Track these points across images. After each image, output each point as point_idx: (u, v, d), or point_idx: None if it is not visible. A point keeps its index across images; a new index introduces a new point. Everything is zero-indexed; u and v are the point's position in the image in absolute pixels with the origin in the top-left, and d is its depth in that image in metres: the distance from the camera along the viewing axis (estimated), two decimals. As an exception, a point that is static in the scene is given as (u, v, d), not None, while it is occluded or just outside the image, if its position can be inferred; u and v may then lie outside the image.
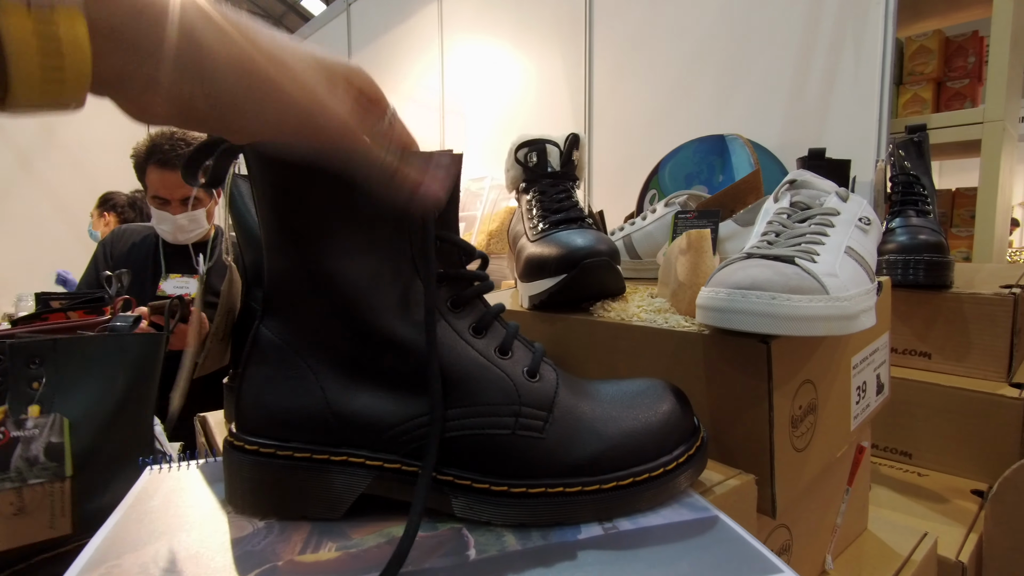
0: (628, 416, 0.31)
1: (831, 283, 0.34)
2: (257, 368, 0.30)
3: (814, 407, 0.42)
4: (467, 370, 0.30)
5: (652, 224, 0.67)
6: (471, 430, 0.29)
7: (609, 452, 0.30)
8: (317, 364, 0.30)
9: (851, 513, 0.53)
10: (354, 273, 0.29)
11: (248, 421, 0.30)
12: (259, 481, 0.30)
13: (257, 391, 0.30)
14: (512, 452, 0.29)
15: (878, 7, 1.25)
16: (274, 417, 0.30)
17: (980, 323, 0.71)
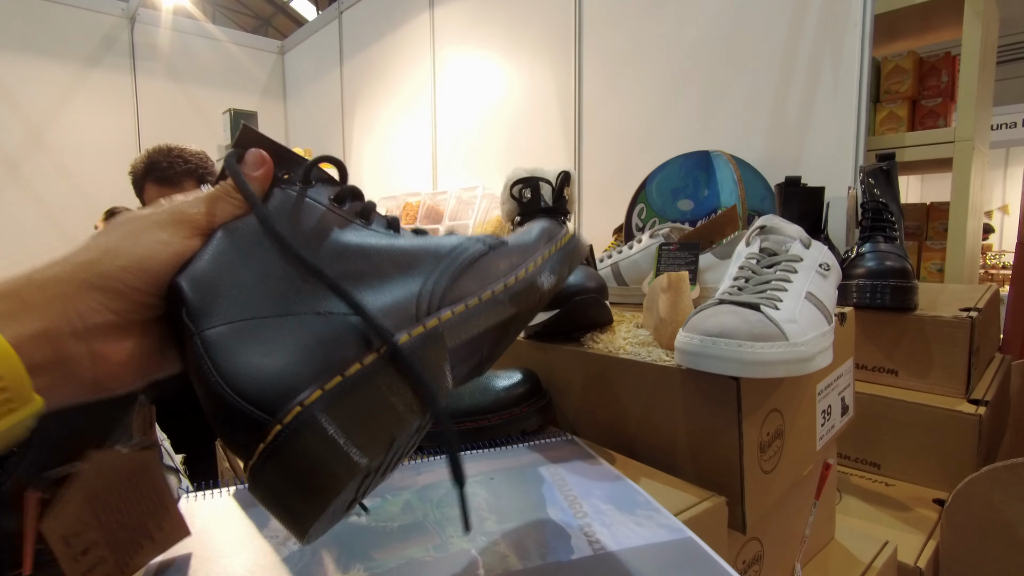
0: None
1: (791, 329, 0.39)
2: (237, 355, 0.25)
3: (781, 432, 0.47)
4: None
5: (638, 253, 0.72)
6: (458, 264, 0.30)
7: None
8: (293, 306, 0.27)
9: (818, 524, 0.58)
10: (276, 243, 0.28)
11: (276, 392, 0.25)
12: (344, 415, 0.25)
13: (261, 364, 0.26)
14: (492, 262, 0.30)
15: (855, 28, 1.30)
16: (302, 361, 0.25)
17: (941, 343, 0.76)
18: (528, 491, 0.41)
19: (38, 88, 2.74)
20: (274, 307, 0.26)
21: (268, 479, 0.22)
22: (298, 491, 0.22)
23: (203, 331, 0.24)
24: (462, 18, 2.22)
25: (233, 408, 0.23)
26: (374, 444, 0.23)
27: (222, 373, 0.23)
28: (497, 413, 0.50)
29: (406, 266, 0.28)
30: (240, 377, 0.23)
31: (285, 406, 0.22)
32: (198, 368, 0.24)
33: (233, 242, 0.27)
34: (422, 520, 0.37)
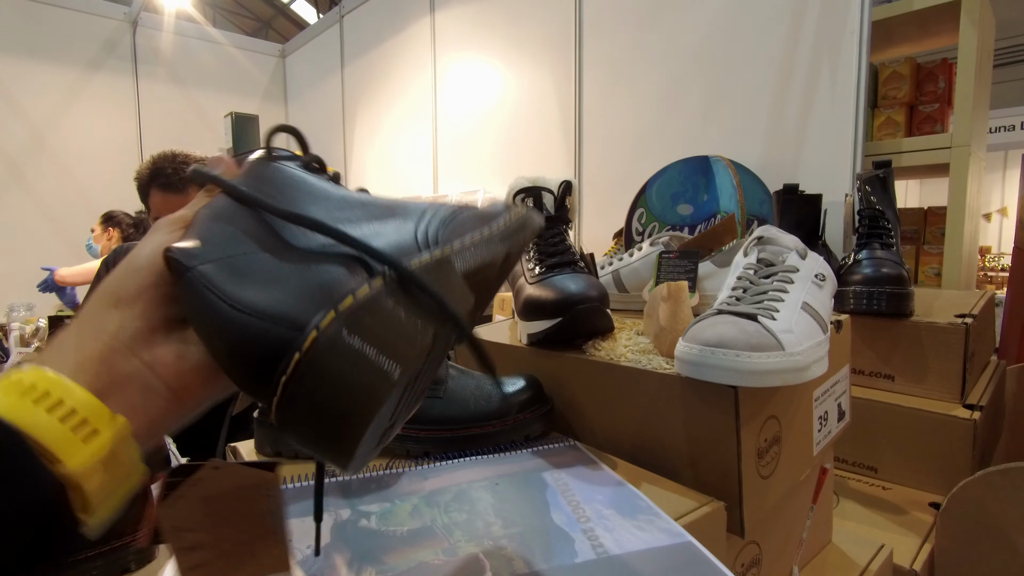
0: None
1: (786, 339, 0.40)
2: (241, 281, 0.24)
3: (778, 438, 0.48)
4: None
5: (638, 261, 0.73)
6: (446, 212, 0.30)
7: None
8: (292, 242, 0.27)
9: (816, 528, 0.59)
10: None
11: (308, 304, 0.23)
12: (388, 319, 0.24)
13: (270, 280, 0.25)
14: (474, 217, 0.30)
15: (852, 35, 1.32)
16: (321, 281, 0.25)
17: (937, 349, 0.78)
18: (532, 496, 0.42)
19: (40, 91, 2.76)
20: (266, 247, 0.25)
21: (299, 411, 0.21)
22: (334, 416, 0.21)
23: (199, 266, 0.23)
24: (463, 23, 2.23)
25: (250, 332, 0.21)
26: (404, 354, 0.22)
27: (232, 297, 0.22)
28: (501, 419, 0.51)
29: (392, 212, 0.28)
30: (252, 298, 0.22)
31: (301, 332, 0.21)
32: (202, 304, 0.23)
33: (213, 211, 0.27)
34: (430, 525, 0.38)
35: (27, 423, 0.19)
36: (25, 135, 2.77)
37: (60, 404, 0.20)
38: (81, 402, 0.21)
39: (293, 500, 0.42)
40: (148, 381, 0.23)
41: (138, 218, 2.23)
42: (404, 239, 0.26)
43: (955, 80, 1.32)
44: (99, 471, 0.20)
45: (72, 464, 0.19)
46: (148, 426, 0.23)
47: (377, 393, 0.21)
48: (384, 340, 0.21)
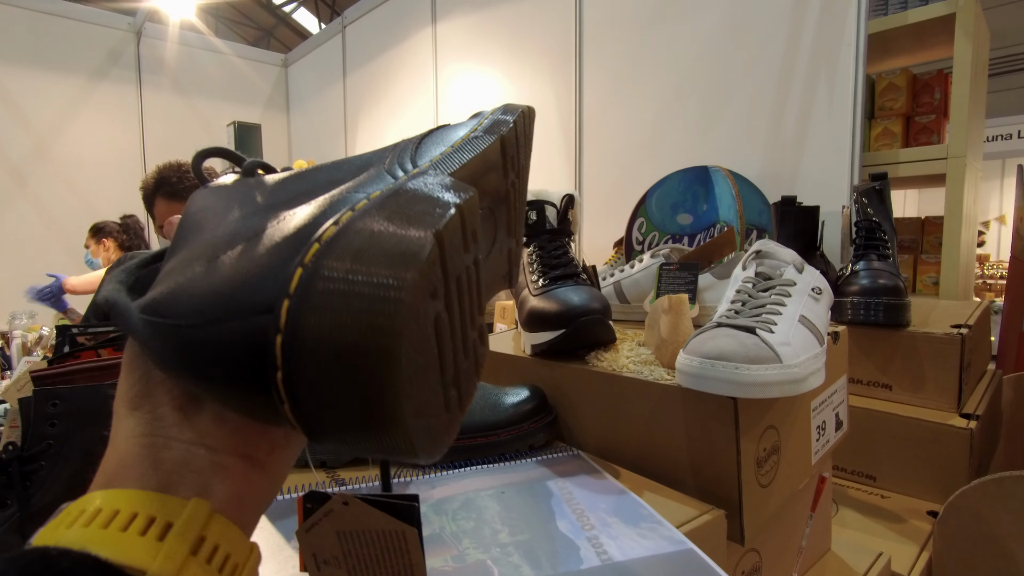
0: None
1: (784, 352, 0.42)
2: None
3: (777, 448, 0.49)
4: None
5: (639, 272, 0.74)
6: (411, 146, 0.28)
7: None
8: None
9: (815, 536, 0.60)
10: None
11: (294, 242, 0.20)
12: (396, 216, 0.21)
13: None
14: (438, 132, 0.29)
15: (849, 47, 1.34)
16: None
17: (933, 359, 0.79)
18: (538, 504, 0.43)
19: (45, 101, 2.78)
20: (209, 253, 0.20)
21: (313, 402, 0.17)
22: (351, 380, 0.16)
23: (139, 312, 0.20)
24: (464, 33, 2.26)
25: (216, 344, 0.17)
26: (403, 269, 0.17)
27: (177, 316, 0.18)
28: (506, 429, 0.52)
29: (353, 164, 0.24)
30: (198, 305, 0.18)
31: (271, 311, 0.17)
32: (156, 344, 0.19)
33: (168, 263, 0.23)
34: (439, 532, 0.39)
35: (96, 547, 0.17)
36: (29, 143, 2.79)
37: (117, 514, 0.18)
38: (141, 501, 0.18)
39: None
40: (206, 457, 0.20)
41: (125, 223, 2.25)
42: (380, 174, 0.22)
43: (951, 91, 1.34)
44: (192, 565, 0.18)
45: (155, 568, 0.17)
46: (236, 500, 0.20)
47: (385, 323, 0.16)
48: (372, 261, 0.17)
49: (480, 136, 0.26)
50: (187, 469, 0.20)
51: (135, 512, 0.18)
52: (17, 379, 0.77)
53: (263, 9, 8.06)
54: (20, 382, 0.76)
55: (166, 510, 0.18)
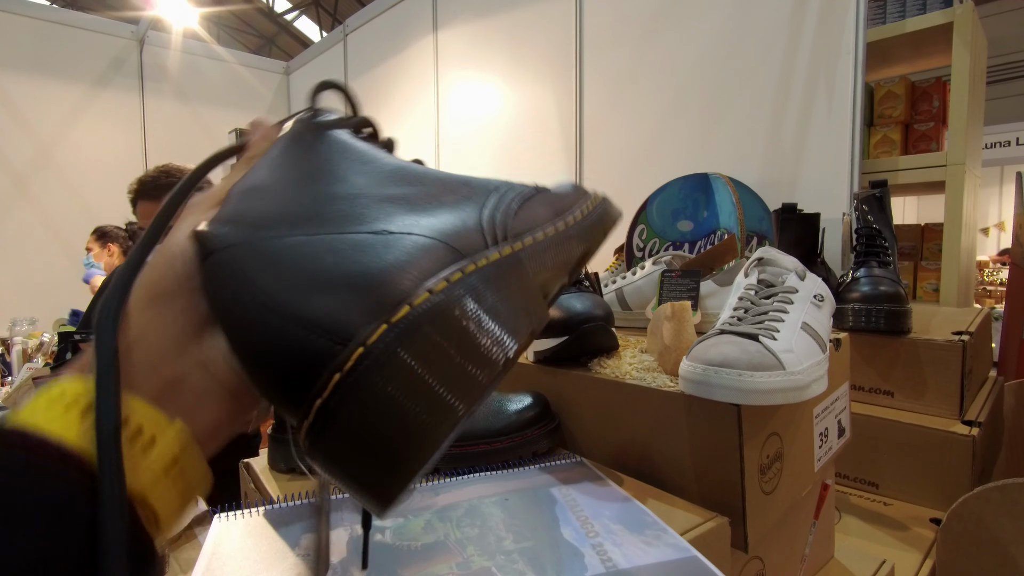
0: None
1: (787, 359, 0.42)
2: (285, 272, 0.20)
3: (780, 455, 0.49)
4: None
5: (641, 279, 0.75)
6: (519, 200, 0.27)
7: None
8: (328, 226, 0.22)
9: (818, 543, 0.60)
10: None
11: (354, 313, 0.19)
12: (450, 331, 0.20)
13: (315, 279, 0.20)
14: (546, 203, 0.27)
15: (848, 55, 1.35)
16: (375, 279, 0.20)
17: (935, 366, 0.79)
18: (542, 511, 0.43)
19: (48, 108, 2.80)
20: (306, 228, 0.20)
21: (334, 443, 0.17)
22: (378, 454, 0.17)
23: (224, 248, 0.20)
24: (465, 41, 2.27)
25: (281, 338, 0.18)
26: (469, 381, 0.18)
27: (262, 290, 0.18)
28: (509, 436, 0.52)
29: (457, 193, 0.24)
30: (285, 294, 0.18)
31: (344, 346, 0.17)
32: (225, 295, 0.19)
33: (247, 184, 0.23)
34: (444, 539, 0.39)
35: (75, 440, 0.17)
36: (32, 150, 2.80)
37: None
38: (133, 409, 0.19)
39: (309, 515, 0.43)
40: (203, 382, 0.21)
41: (130, 229, 2.24)
42: (467, 227, 0.22)
43: (949, 99, 1.35)
44: (163, 482, 0.19)
45: (133, 479, 0.17)
46: (210, 430, 0.21)
47: (435, 431, 0.17)
48: (447, 363, 0.17)
49: (587, 225, 0.26)
50: (185, 387, 0.20)
51: (126, 417, 0.18)
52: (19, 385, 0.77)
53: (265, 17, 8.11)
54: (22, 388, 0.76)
55: (156, 427, 0.19)
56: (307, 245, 0.20)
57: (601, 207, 0.28)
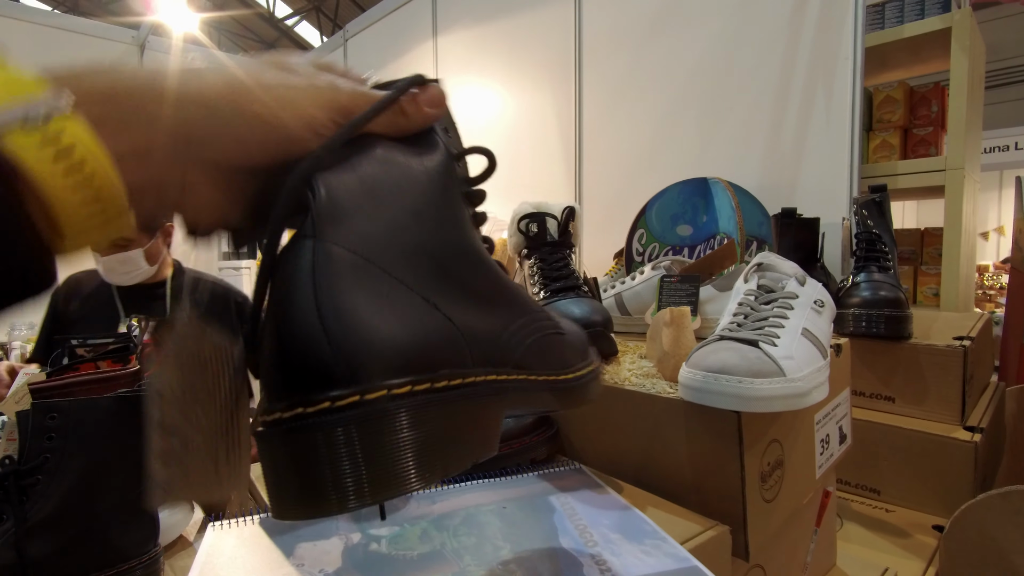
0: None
1: (788, 365, 0.41)
2: (349, 295, 0.21)
3: (781, 462, 0.49)
4: (506, 281, 0.29)
5: (640, 285, 0.74)
6: (543, 332, 0.30)
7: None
8: (414, 279, 0.24)
9: (819, 551, 0.59)
10: (426, 181, 0.27)
11: (373, 361, 0.21)
12: (419, 428, 0.22)
13: (363, 324, 0.21)
14: (562, 348, 0.31)
15: (846, 60, 1.35)
16: (410, 346, 0.22)
17: (935, 372, 0.79)
18: (540, 520, 0.43)
19: (48, 112, 2.80)
20: (399, 265, 0.23)
21: (281, 446, 0.20)
22: (295, 490, 0.20)
23: (325, 242, 0.21)
24: (465, 47, 2.28)
25: (308, 348, 0.20)
26: (446, 460, 0.22)
27: (322, 304, 0.20)
28: (507, 443, 0.52)
29: (499, 298, 0.27)
30: (340, 320, 0.20)
31: (370, 381, 0.20)
32: (294, 281, 0.21)
33: (388, 172, 0.25)
34: (440, 549, 0.39)
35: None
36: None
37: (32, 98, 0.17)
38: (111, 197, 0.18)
39: (304, 524, 0.42)
40: (169, 195, 0.21)
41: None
42: (489, 338, 0.26)
43: (948, 104, 1.35)
44: (59, 174, 0.17)
45: (13, 143, 0.17)
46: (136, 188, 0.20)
47: (325, 509, 0.20)
48: (416, 447, 0.21)
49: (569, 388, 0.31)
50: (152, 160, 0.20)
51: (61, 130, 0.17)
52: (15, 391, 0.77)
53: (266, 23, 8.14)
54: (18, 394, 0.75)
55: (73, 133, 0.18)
56: (380, 285, 0.22)
57: (591, 376, 0.33)
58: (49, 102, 0.17)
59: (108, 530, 0.45)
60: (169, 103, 0.20)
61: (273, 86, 0.23)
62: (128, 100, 0.20)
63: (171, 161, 0.21)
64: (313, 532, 0.41)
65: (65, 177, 0.18)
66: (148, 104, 0.20)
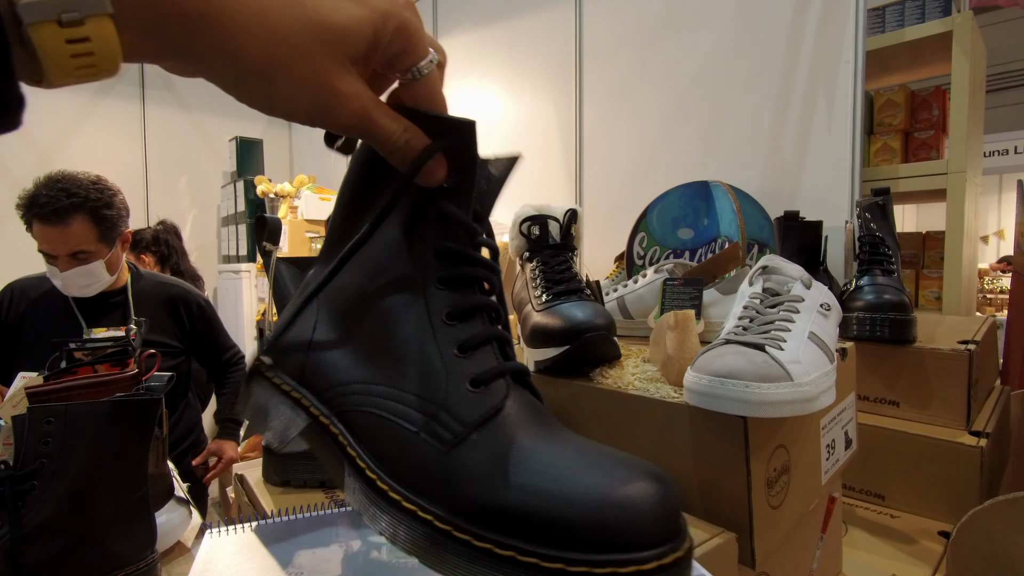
0: (583, 477, 0.23)
1: (795, 369, 0.41)
2: (291, 301, 0.32)
3: (787, 468, 0.48)
4: (414, 350, 0.28)
5: (643, 288, 0.74)
6: (379, 409, 0.27)
7: (526, 508, 0.22)
8: (324, 307, 0.31)
9: (825, 558, 0.59)
10: (376, 239, 0.30)
11: (268, 344, 0.31)
12: (256, 396, 0.30)
13: (280, 319, 0.32)
14: (408, 452, 0.26)
15: (847, 64, 1.35)
16: (278, 341, 0.31)
17: (941, 376, 0.78)
18: (543, 527, 0.42)
19: (48, 116, 2.80)
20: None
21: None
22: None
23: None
24: (465, 50, 2.28)
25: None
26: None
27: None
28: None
29: (378, 353, 0.30)
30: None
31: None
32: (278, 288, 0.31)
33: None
34: (442, 557, 0.38)
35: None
36: (33, 159, 2.80)
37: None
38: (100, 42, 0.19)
39: (303, 531, 0.41)
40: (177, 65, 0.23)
41: (155, 231, 2.09)
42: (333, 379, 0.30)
43: (949, 107, 1.35)
44: (66, 53, 0.18)
45: (38, 33, 0.18)
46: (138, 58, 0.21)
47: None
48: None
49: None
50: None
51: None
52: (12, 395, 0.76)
53: (266, 27, 8.14)
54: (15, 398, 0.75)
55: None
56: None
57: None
58: (91, 2, 0.18)
59: (105, 536, 0.44)
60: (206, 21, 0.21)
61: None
62: (168, 12, 0.20)
63: (185, 62, 0.23)
64: (312, 539, 0.40)
65: (71, 55, 0.19)
66: (184, 25, 0.21)
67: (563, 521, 0.22)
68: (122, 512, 0.46)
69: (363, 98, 0.25)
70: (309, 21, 0.22)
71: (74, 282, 1.17)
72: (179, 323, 1.35)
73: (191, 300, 1.38)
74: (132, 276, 1.32)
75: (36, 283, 1.29)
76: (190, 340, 1.36)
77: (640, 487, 0.23)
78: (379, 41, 0.24)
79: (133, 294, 1.29)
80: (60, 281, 1.17)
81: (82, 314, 1.23)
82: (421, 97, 0.27)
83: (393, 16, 0.24)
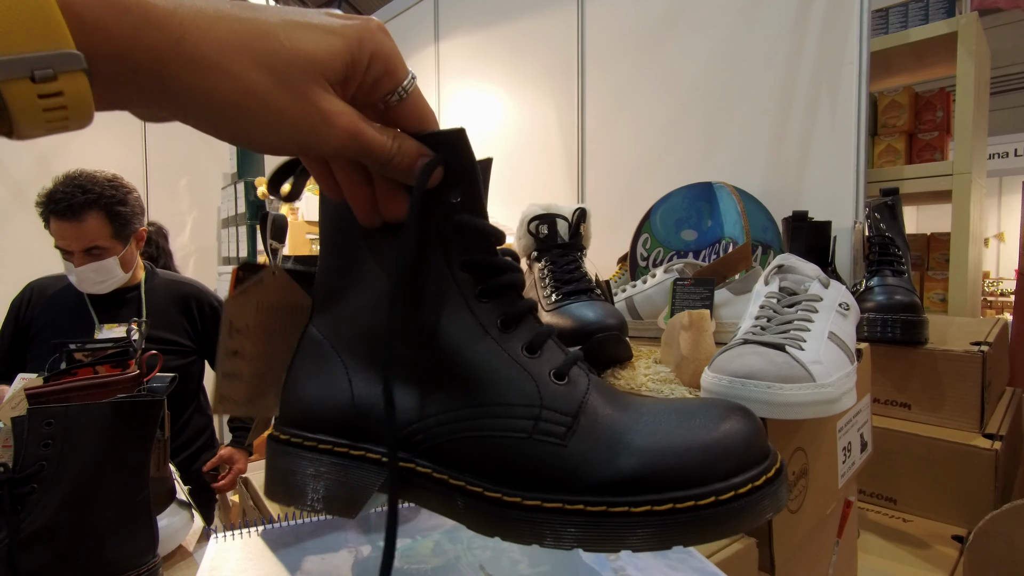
0: (677, 432, 0.27)
1: (816, 370, 0.40)
2: (299, 362, 0.31)
3: (805, 471, 0.47)
4: (488, 365, 0.28)
5: (652, 288, 0.73)
6: (484, 431, 0.27)
7: (646, 470, 0.26)
8: (351, 358, 0.30)
9: (841, 563, 0.58)
10: (388, 265, 0.29)
11: (285, 413, 0.31)
12: (289, 471, 0.30)
13: (294, 384, 0.31)
14: (528, 459, 0.27)
15: (851, 65, 1.34)
16: (306, 408, 0.30)
17: (953, 377, 0.77)
18: (558, 532, 0.41)
19: (48, 117, 2.79)
20: (346, 343, 0.31)
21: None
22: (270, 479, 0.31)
23: (310, 325, 0.31)
24: (467, 52, 2.27)
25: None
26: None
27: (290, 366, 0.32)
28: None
29: (439, 382, 0.30)
30: (287, 379, 0.32)
31: (280, 424, 0.31)
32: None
33: (372, 258, 0.30)
34: (454, 562, 0.37)
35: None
36: (32, 160, 2.79)
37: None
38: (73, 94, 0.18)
39: (311, 536, 0.40)
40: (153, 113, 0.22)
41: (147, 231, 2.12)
42: (406, 417, 0.30)
43: (953, 109, 1.34)
44: (38, 108, 0.18)
45: (9, 90, 0.17)
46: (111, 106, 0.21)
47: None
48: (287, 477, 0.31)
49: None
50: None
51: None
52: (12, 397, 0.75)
53: (266, 29, 8.16)
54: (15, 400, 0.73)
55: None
56: (327, 365, 0.31)
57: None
58: (64, 58, 0.18)
59: (105, 541, 0.43)
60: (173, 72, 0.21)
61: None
62: (138, 59, 0.20)
63: (158, 107, 0.22)
64: (321, 545, 0.39)
65: (43, 109, 0.18)
66: (154, 69, 0.20)
67: (679, 468, 0.26)
68: (123, 516, 0.45)
69: (350, 114, 0.25)
70: (282, 49, 0.22)
71: (88, 278, 1.18)
72: (191, 321, 1.34)
73: (204, 299, 1.37)
74: (147, 274, 1.33)
75: (54, 282, 1.30)
76: (201, 340, 1.36)
77: (730, 424, 0.27)
78: (356, 67, 0.24)
79: (146, 291, 1.29)
80: (75, 277, 1.19)
81: (96, 311, 1.24)
82: (409, 116, 0.27)
83: (367, 42, 0.24)
